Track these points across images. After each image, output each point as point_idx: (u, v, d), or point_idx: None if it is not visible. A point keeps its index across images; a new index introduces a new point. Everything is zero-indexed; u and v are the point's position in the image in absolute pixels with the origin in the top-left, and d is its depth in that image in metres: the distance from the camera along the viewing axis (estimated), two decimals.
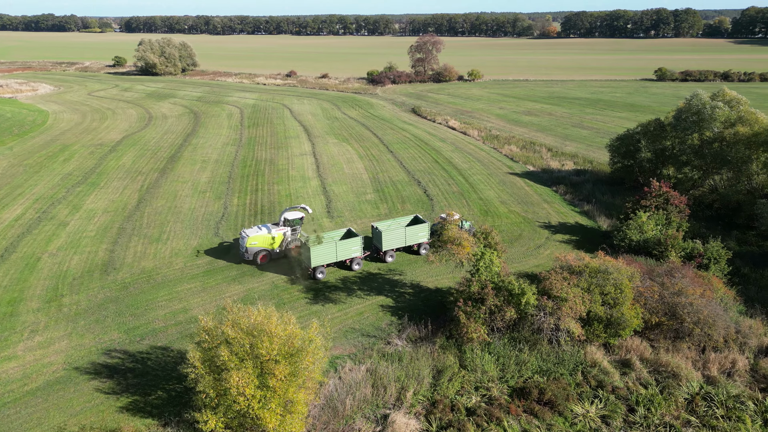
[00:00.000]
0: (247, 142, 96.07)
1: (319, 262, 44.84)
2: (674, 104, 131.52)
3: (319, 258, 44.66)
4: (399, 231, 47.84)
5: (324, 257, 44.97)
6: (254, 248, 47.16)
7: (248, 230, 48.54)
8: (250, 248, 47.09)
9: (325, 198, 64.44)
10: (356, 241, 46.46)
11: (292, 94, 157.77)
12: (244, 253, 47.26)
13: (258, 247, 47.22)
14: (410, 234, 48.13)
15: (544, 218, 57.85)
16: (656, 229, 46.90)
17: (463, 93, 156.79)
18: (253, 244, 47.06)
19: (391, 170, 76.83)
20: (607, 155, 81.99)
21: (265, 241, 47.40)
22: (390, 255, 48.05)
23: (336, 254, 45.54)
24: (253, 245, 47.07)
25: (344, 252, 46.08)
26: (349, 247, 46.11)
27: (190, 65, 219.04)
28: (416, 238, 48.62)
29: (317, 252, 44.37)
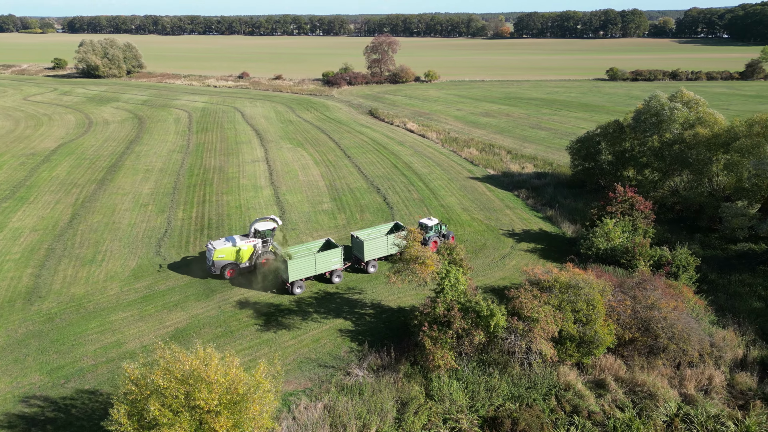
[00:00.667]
0: (195, 148, 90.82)
1: (298, 276, 41.90)
2: (627, 103, 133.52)
3: (297, 272, 41.67)
4: (381, 240, 45.43)
5: (303, 271, 42.04)
6: (221, 261, 43.71)
7: (215, 242, 44.95)
8: (218, 261, 43.64)
9: (279, 209, 60.58)
10: (336, 252, 43.53)
11: (245, 97, 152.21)
12: (211, 266, 43.95)
13: (225, 261, 43.85)
14: (391, 243, 45.55)
15: (508, 225, 55.82)
16: (623, 236, 45.40)
17: (421, 94, 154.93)
18: (220, 257, 43.60)
19: (349, 177, 73.56)
20: (567, 156, 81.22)
21: (233, 254, 44.10)
22: (372, 265, 45.39)
23: (315, 267, 42.67)
24: (220, 258, 43.62)
25: (324, 264, 43.15)
26: (329, 259, 43.19)
27: (136, 67, 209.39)
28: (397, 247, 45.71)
29: (295, 265, 41.37)
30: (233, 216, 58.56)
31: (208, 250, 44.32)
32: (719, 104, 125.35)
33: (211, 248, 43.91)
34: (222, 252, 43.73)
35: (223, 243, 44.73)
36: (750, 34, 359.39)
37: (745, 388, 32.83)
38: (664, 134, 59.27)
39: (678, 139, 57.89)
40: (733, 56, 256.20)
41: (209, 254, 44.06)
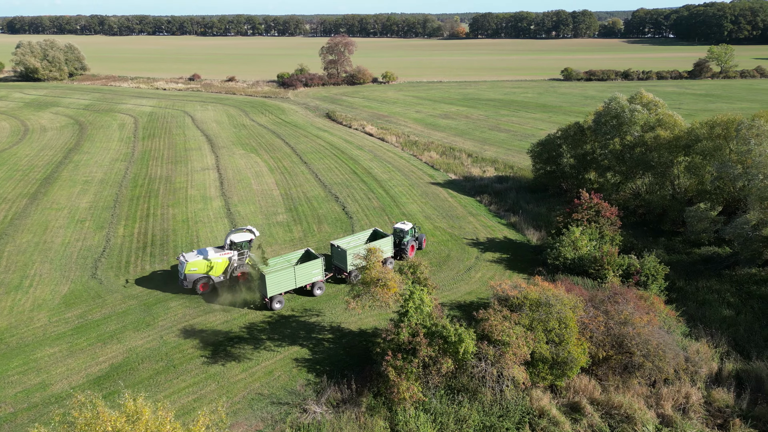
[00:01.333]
0: (140, 156, 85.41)
1: (277, 290, 39.57)
2: (583, 103, 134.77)
3: (276, 286, 39.32)
4: (363, 248, 42.66)
5: (282, 284, 39.70)
6: (194, 275, 41.16)
7: (187, 255, 42.13)
8: (190, 275, 41.08)
9: (230, 221, 56.70)
10: (317, 263, 41.37)
11: (195, 100, 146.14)
12: (183, 280, 41.39)
13: (198, 274, 41.28)
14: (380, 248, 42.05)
15: (472, 234, 53.73)
16: (590, 244, 43.89)
17: (379, 96, 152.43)
18: (192, 270, 41.04)
19: (306, 184, 70.16)
20: (527, 159, 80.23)
21: (206, 267, 41.47)
22: (356, 275, 42.77)
23: (295, 280, 40.40)
24: (192, 272, 41.05)
25: (304, 277, 40.87)
26: (309, 271, 40.98)
27: (79, 69, 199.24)
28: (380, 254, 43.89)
29: (274, 279, 38.95)
30: (179, 231, 54.33)
31: (180, 263, 41.63)
32: (671, 103, 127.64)
33: (183, 261, 41.25)
34: (194, 265, 41.07)
35: (196, 255, 41.95)
36: (694, 33, 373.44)
37: (722, 405, 31.47)
38: (625, 137, 58.49)
39: (639, 142, 57.16)
40: (680, 56, 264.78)
41: (181, 267, 41.36)
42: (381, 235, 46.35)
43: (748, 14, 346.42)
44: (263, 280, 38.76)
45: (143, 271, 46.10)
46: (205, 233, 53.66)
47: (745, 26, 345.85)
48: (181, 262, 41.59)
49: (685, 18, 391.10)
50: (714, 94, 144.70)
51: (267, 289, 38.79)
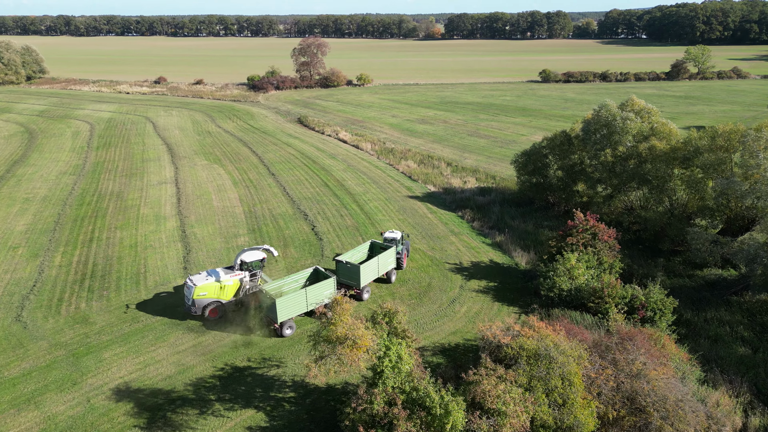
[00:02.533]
0: (92, 168, 78.34)
1: (288, 315, 36.25)
2: (563, 106, 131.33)
3: (287, 310, 36.03)
4: (372, 262, 41.21)
5: (293, 308, 36.54)
6: (203, 300, 37.53)
7: (195, 277, 38.25)
8: (199, 300, 37.43)
9: (183, 246, 50.52)
10: (329, 283, 38.13)
11: (159, 105, 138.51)
12: (191, 306, 37.75)
13: (208, 299, 37.71)
14: (382, 262, 41.07)
15: (454, 257, 48.57)
16: (588, 273, 39.10)
17: (353, 99, 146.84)
18: (201, 295, 37.41)
19: (272, 200, 64.26)
20: (510, 168, 75.96)
21: (217, 291, 37.92)
22: (366, 291, 40.22)
23: (306, 303, 37.17)
24: (201, 297, 37.44)
25: (316, 299, 37.31)
26: (321, 292, 37.61)
27: (38, 72, 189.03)
28: (386, 266, 42.45)
29: (285, 303, 35.72)
30: (125, 259, 47.97)
31: (187, 288, 37.79)
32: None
33: (191, 285, 37.46)
34: (204, 289, 37.44)
35: (205, 278, 38.06)
36: (667, 34, 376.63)
37: None
38: (617, 147, 54.08)
39: (632, 153, 52.80)
40: (654, 56, 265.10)
41: (188, 292, 37.61)
42: (380, 247, 43.58)
43: (719, 15, 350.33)
44: (273, 305, 35.25)
45: (77, 310, 39.78)
46: (154, 261, 47.44)
47: (716, 27, 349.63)
48: (188, 286, 37.66)
49: (658, 19, 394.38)
50: (693, 96, 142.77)
51: (277, 315, 35.37)
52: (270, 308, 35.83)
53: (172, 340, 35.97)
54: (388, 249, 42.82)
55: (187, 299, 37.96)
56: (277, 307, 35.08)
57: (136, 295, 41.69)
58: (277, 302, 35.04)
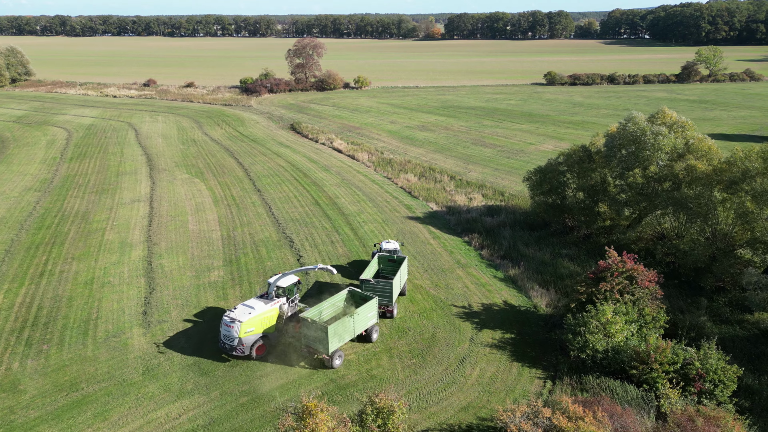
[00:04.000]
0: (60, 183, 71.36)
1: (339, 343, 32.77)
2: (571, 111, 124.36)
3: (337, 339, 32.39)
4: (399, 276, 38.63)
5: (343, 335, 32.92)
6: (251, 337, 33.03)
7: (235, 313, 33.54)
8: (246, 338, 32.89)
9: (147, 283, 43.48)
10: (372, 304, 34.84)
11: (146, 109, 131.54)
12: (237, 347, 32.94)
13: (255, 335, 33.29)
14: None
15: (462, 297, 41.55)
16: (627, 329, 32.12)
17: (350, 104, 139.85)
18: (248, 332, 32.94)
19: (255, 221, 57.28)
20: (518, 181, 69.51)
21: (264, 324, 33.73)
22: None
23: (354, 328, 33.67)
24: (248, 334, 32.96)
25: (362, 322, 34.22)
26: (366, 315, 34.41)
27: (23, 75, 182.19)
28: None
29: (336, 330, 31.98)
30: (76, 300, 40.93)
31: (227, 326, 33.06)
32: None
33: (235, 322, 32.82)
34: (251, 324, 33.02)
35: (248, 313, 33.40)
36: (671, 34, 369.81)
37: None
38: (648, 166, 47.11)
39: (667, 174, 45.90)
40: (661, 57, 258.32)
41: (230, 331, 32.90)
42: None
43: (725, 14, 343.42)
44: (323, 334, 31.44)
45: (8, 373, 32.76)
46: (109, 303, 40.41)
47: (722, 27, 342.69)
48: (229, 325, 32.92)
49: (662, 18, 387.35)
50: (708, 100, 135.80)
51: (329, 344, 31.55)
52: (317, 338, 31.83)
53: (115, 419, 28.95)
54: (404, 261, 39.26)
55: (227, 339, 33.09)
56: (329, 335, 31.21)
57: (81, 351, 34.70)
58: (329, 330, 31.15)
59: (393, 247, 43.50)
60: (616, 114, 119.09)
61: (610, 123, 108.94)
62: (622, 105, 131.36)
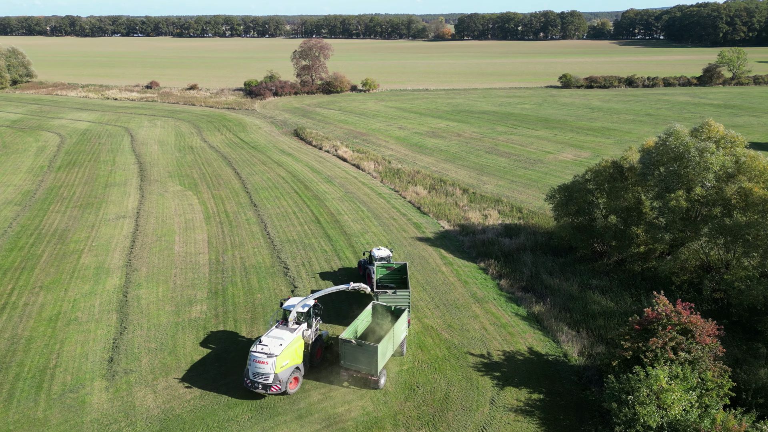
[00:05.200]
0: (43, 196, 66.47)
1: (384, 361, 31.02)
2: (590, 117, 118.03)
3: (384, 357, 30.67)
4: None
5: (386, 352, 31.14)
6: (286, 371, 29.73)
7: (269, 346, 29.70)
8: (282, 374, 29.47)
9: (119, 321, 38.10)
10: (404, 317, 33.39)
11: (145, 113, 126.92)
12: (273, 384, 29.15)
13: (290, 367, 30.04)
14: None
15: (480, 342, 35.79)
16: (685, 398, 26.22)
17: (357, 107, 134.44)
18: (284, 366, 29.62)
19: (248, 243, 51.90)
20: (537, 195, 64.68)
21: (295, 354, 30.72)
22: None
23: (395, 343, 32.54)
24: (284, 368, 29.65)
25: (399, 336, 33.05)
26: (401, 328, 33.10)
27: (24, 76, 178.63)
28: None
29: (383, 349, 30.29)
30: (36, 342, 35.66)
31: (259, 365, 29.16)
32: (691, 117, 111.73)
33: (270, 357, 29.14)
34: (285, 357, 29.73)
35: (279, 345, 29.84)
36: (687, 35, 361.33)
37: None
38: (694, 188, 41.12)
39: (716, 198, 39.90)
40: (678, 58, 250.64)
41: (264, 368, 29.10)
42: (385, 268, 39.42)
43: (743, 15, 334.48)
44: (371, 354, 29.51)
45: None
46: (71, 347, 35.07)
47: (740, 27, 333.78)
48: (258, 361, 29.17)
49: (678, 19, 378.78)
50: (734, 105, 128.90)
51: (378, 364, 29.79)
52: (363, 359, 29.85)
53: None
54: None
55: (260, 377, 29.16)
56: (378, 355, 29.44)
57: (31, 411, 29.37)
58: (379, 349, 29.47)
59: (385, 255, 41.98)
60: (638, 120, 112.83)
61: (631, 129, 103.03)
62: (643, 110, 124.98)
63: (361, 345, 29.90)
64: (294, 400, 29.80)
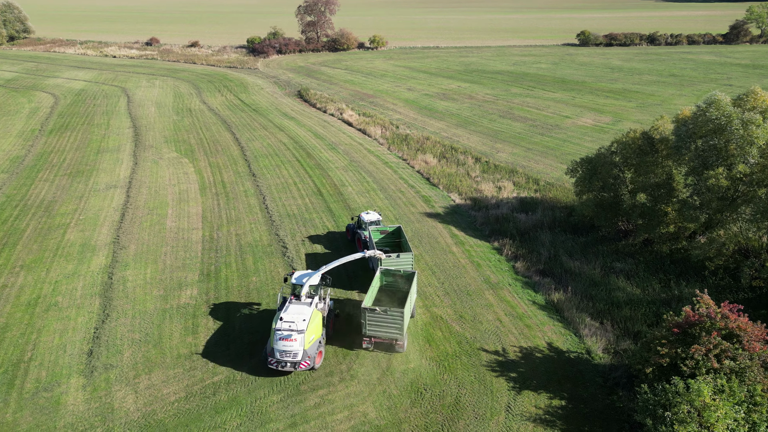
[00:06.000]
0: (32, 163, 63.15)
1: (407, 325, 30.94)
2: (609, 77, 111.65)
3: (406, 319, 30.40)
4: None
5: (407, 315, 30.71)
6: (313, 346, 29.01)
7: (291, 322, 28.53)
8: (311, 349, 28.68)
9: (102, 307, 35.17)
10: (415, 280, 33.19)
11: (144, 72, 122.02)
12: (302, 361, 28.15)
13: (315, 342, 29.24)
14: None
15: (494, 336, 32.55)
16: (731, 417, 22.95)
17: (364, 66, 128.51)
18: (311, 340, 28.86)
19: (245, 217, 48.54)
20: (555, 165, 60.97)
21: (317, 328, 29.82)
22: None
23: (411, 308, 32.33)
24: (311, 342, 28.82)
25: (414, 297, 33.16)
26: (414, 289, 33.19)
27: (21, 32, 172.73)
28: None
29: (407, 311, 30.41)
30: (11, 330, 32.84)
31: (287, 342, 27.95)
32: (718, 78, 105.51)
33: (297, 333, 28.01)
34: (313, 331, 29.05)
35: (303, 320, 28.70)
36: None
37: None
38: (736, 165, 36.89)
39: (763, 177, 35.68)
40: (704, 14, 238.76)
41: (292, 346, 27.91)
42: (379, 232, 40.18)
43: None
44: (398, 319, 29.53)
45: None
46: (49, 337, 32.27)
47: None
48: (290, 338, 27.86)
49: None
50: (763, 65, 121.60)
51: (404, 326, 29.89)
52: (389, 325, 29.77)
53: None
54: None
55: (289, 355, 27.92)
56: (405, 317, 29.59)
57: (1, 412, 26.76)
58: (405, 312, 29.71)
59: (374, 219, 41.47)
60: (661, 81, 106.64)
61: (655, 92, 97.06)
62: (667, 70, 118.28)
63: (386, 311, 29.68)
64: (288, 405, 26.96)
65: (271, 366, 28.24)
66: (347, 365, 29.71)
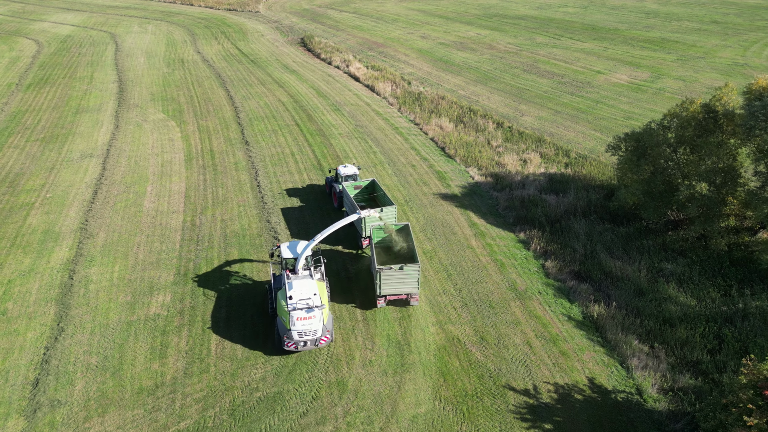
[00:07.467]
0: (4, 125, 56.99)
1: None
2: (645, 24, 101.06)
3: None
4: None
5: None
6: (329, 319, 27.77)
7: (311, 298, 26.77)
8: (328, 323, 27.39)
9: (57, 317, 29.82)
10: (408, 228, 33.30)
11: (137, 15, 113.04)
12: (322, 337, 26.73)
13: (329, 314, 27.95)
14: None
15: (522, 368, 26.81)
16: None
17: (374, 10, 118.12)
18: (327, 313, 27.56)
19: (233, 198, 42.46)
20: (587, 132, 54.04)
21: (326, 299, 28.29)
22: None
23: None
24: (326, 315, 27.45)
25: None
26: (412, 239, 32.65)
27: None
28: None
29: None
30: None
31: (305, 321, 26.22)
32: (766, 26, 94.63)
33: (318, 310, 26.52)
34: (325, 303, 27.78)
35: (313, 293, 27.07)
36: None
37: None
38: None
39: None
40: None
41: (311, 323, 26.28)
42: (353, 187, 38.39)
43: None
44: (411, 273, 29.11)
45: None
46: None
47: None
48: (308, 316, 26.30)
49: None
50: None
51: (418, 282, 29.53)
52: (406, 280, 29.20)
53: None
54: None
55: (308, 334, 26.27)
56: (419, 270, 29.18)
57: None
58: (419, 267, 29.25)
59: (351, 172, 39.89)
60: (702, 29, 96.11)
61: (696, 42, 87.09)
62: (708, 15, 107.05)
63: (402, 268, 29.10)
64: None
65: (289, 348, 26.37)
66: (343, 408, 24.33)
